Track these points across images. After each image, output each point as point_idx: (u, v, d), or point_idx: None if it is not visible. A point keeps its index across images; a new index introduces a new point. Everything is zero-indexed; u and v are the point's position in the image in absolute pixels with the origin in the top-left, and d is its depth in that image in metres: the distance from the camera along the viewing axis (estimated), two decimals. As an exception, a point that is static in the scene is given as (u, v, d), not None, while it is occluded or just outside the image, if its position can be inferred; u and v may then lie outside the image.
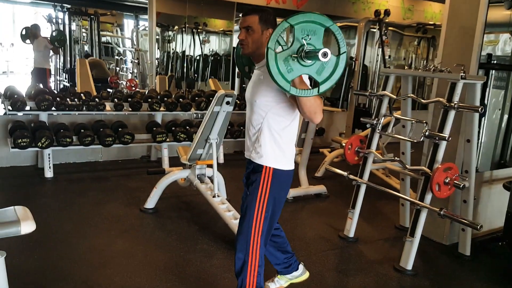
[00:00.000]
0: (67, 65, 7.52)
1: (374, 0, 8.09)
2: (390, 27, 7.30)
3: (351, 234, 3.43)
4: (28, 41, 6.53)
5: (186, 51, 7.41)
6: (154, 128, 5.01)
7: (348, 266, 3.07)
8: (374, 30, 6.47)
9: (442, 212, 2.79)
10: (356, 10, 7.94)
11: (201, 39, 7.46)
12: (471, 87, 2.98)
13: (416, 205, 2.92)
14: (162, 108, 5.17)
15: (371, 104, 6.50)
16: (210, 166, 3.59)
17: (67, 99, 4.67)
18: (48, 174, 4.49)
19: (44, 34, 6.61)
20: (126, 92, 5.64)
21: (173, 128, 5.12)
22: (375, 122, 3.28)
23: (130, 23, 8.23)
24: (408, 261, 2.94)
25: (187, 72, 7.51)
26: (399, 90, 5.71)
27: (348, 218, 3.45)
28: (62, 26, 7.33)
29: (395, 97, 3.33)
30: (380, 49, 6.32)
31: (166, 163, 5.00)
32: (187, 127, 5.15)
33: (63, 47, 7.10)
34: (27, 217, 1.89)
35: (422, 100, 3.14)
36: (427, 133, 2.88)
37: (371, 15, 6.37)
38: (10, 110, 4.38)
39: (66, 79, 7.52)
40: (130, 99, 5.05)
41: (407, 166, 3.20)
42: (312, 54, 1.62)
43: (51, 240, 3.10)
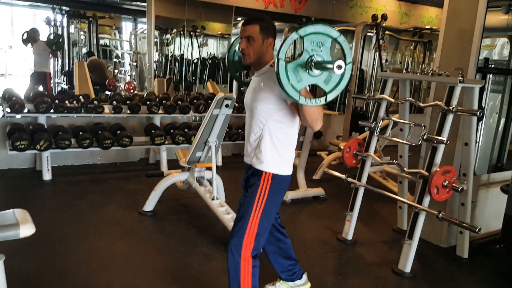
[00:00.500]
0: (66, 67, 7.53)
1: (372, 5, 8.15)
2: (387, 32, 7.35)
3: (350, 237, 3.44)
4: (29, 45, 6.54)
5: (184, 54, 7.43)
6: (153, 131, 5.01)
7: (346, 268, 3.07)
8: (371, 34, 6.51)
9: (440, 215, 2.80)
10: (354, 15, 8.00)
11: (199, 42, 7.48)
12: (469, 91, 3.00)
13: (414, 208, 2.94)
14: (160, 110, 5.17)
15: (368, 108, 6.54)
16: (209, 169, 3.60)
17: (66, 102, 4.66)
18: (47, 176, 4.48)
19: (43, 37, 6.61)
20: (124, 94, 5.64)
21: (171, 130, 5.13)
22: (373, 125, 3.31)
23: (128, 26, 8.26)
24: (407, 263, 2.96)
25: (185, 75, 7.52)
26: (395, 94, 5.74)
27: (346, 221, 3.46)
28: (61, 29, 7.34)
29: (393, 100, 3.35)
30: (377, 53, 6.36)
31: (164, 166, 5.00)
32: (186, 130, 5.16)
33: (61, 50, 7.10)
34: (26, 220, 1.86)
35: (421, 104, 3.16)
36: (425, 136, 2.90)
37: (368, 20, 6.41)
38: (8, 113, 4.38)
39: (64, 81, 7.53)
40: (128, 102, 5.04)
41: (405, 169, 3.22)
42: (323, 66, 1.66)
43: (50, 242, 3.09)
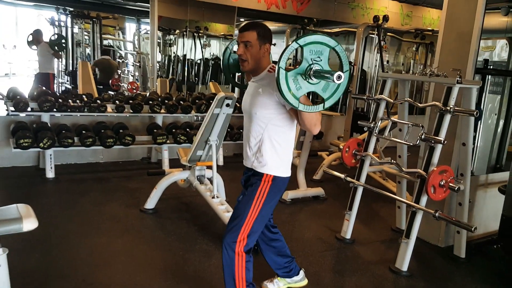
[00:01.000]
0: (69, 67, 7.59)
1: (373, 6, 8.17)
2: (388, 33, 7.37)
3: (348, 236, 3.47)
4: (34, 46, 6.60)
5: (187, 55, 7.48)
6: (155, 130, 5.06)
7: (344, 266, 3.11)
8: (373, 35, 6.53)
9: (437, 214, 2.83)
10: (355, 16, 8.03)
11: (202, 43, 7.53)
12: (466, 91, 3.02)
13: (412, 207, 2.97)
14: (162, 110, 5.23)
15: (369, 108, 6.56)
16: (210, 168, 3.64)
17: (69, 101, 4.72)
18: (50, 174, 4.54)
19: (46, 38, 6.67)
20: (127, 94, 5.69)
21: (173, 130, 5.17)
22: (372, 125, 3.34)
23: (132, 26, 8.31)
24: (404, 262, 2.99)
25: (187, 75, 7.57)
26: (397, 95, 5.76)
27: (345, 220, 3.50)
28: (65, 29, 7.40)
29: (392, 101, 3.38)
30: (379, 54, 6.38)
31: (166, 165, 5.05)
32: (188, 129, 5.20)
33: (64, 50, 7.16)
34: (29, 214, 1.92)
35: (419, 104, 3.20)
36: (423, 136, 2.93)
37: (370, 21, 6.42)
38: (12, 111, 4.43)
39: (68, 81, 7.58)
40: (131, 101, 5.09)
41: (403, 169, 3.25)
42: (322, 75, 1.72)
43: (52, 239, 3.14)
